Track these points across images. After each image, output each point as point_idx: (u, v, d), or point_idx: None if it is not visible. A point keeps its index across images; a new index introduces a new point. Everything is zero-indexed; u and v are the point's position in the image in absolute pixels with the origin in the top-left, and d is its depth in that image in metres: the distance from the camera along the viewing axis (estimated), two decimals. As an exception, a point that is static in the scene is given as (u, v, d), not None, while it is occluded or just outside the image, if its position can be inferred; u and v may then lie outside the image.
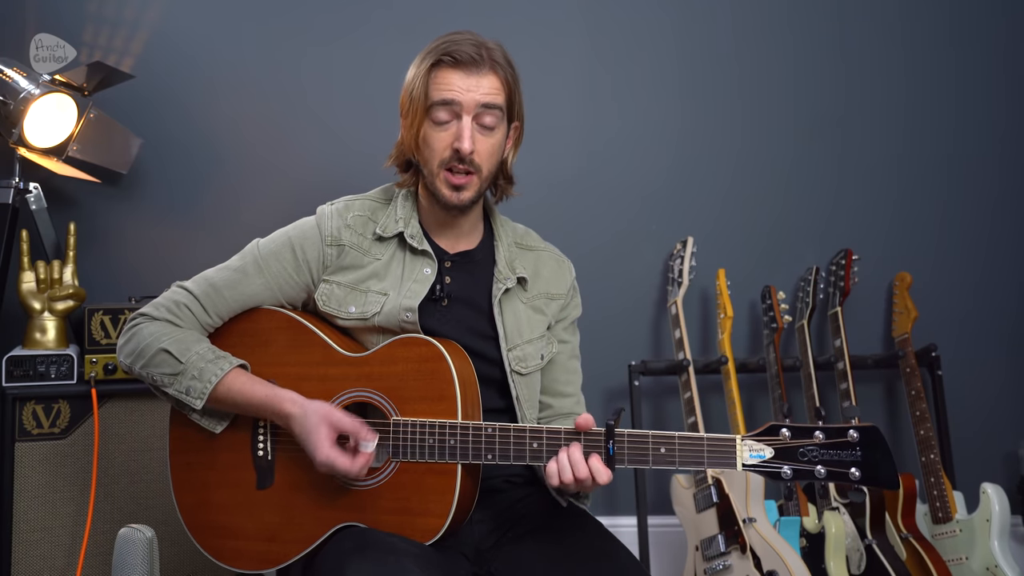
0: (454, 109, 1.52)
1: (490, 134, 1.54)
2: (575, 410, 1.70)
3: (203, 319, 1.57)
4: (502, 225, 1.70)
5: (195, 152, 2.49)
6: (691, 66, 2.67)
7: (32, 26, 2.35)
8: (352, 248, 1.59)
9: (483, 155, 1.54)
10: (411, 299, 1.55)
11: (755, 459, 1.34)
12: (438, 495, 1.44)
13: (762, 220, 2.68)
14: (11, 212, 2.19)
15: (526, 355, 1.62)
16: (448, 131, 1.53)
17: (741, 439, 1.35)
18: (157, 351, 1.52)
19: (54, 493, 2.04)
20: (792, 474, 1.33)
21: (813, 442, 1.33)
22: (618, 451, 1.38)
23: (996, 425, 2.68)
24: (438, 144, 1.53)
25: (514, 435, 1.43)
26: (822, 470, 1.32)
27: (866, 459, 1.31)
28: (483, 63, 1.52)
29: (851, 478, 1.31)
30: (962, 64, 2.72)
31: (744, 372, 2.53)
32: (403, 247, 1.61)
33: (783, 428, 1.34)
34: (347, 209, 1.62)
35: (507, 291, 1.62)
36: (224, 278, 1.59)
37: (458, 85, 1.51)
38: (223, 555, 1.56)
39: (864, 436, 1.32)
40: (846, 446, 1.32)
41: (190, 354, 1.52)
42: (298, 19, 2.53)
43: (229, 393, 1.51)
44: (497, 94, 1.53)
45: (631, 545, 1.93)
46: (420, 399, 1.47)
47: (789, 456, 1.34)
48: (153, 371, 1.53)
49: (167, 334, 1.53)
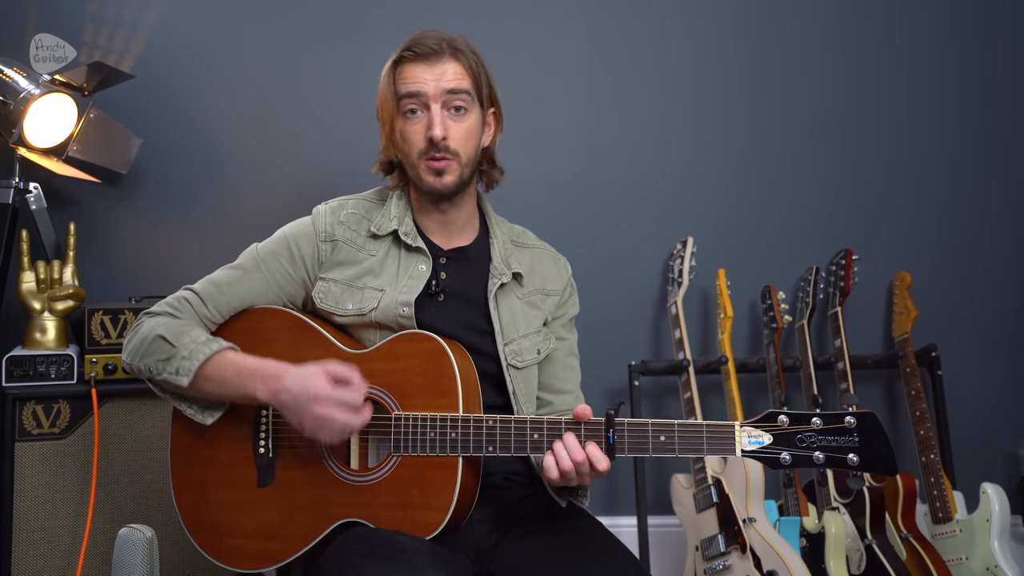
0: (422, 100, 1.56)
1: (462, 118, 1.58)
2: (575, 407, 1.70)
3: (202, 312, 1.58)
4: (498, 224, 1.72)
5: (195, 152, 2.49)
6: (691, 66, 2.67)
7: (32, 26, 2.35)
8: (346, 244, 1.61)
9: (457, 140, 1.57)
10: (407, 294, 1.56)
11: (754, 445, 1.36)
12: (439, 489, 1.44)
13: (762, 220, 2.68)
14: (11, 212, 2.19)
15: (522, 349, 1.63)
16: (420, 122, 1.57)
17: (740, 425, 1.37)
18: (153, 339, 1.54)
19: (54, 493, 2.04)
20: (791, 460, 1.34)
21: (811, 428, 1.34)
22: (618, 439, 1.39)
23: (996, 425, 2.68)
24: (413, 136, 1.57)
25: (515, 426, 1.43)
26: (820, 456, 1.33)
27: (864, 445, 1.32)
28: (443, 52, 1.57)
29: (849, 464, 1.32)
30: (962, 64, 2.72)
31: (744, 372, 2.53)
32: (398, 244, 1.63)
33: (781, 415, 1.36)
34: (341, 207, 1.65)
35: (502, 286, 1.63)
36: (224, 276, 1.62)
37: (422, 76, 1.56)
38: (221, 554, 1.56)
39: (861, 422, 1.33)
40: (844, 432, 1.33)
41: (184, 339, 1.52)
42: (298, 19, 2.53)
43: (218, 369, 1.50)
44: (462, 79, 1.57)
45: (631, 545, 1.93)
46: (422, 394, 1.48)
47: (787, 442, 1.35)
48: (149, 361, 1.53)
49: (164, 323, 1.55)
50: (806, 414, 1.35)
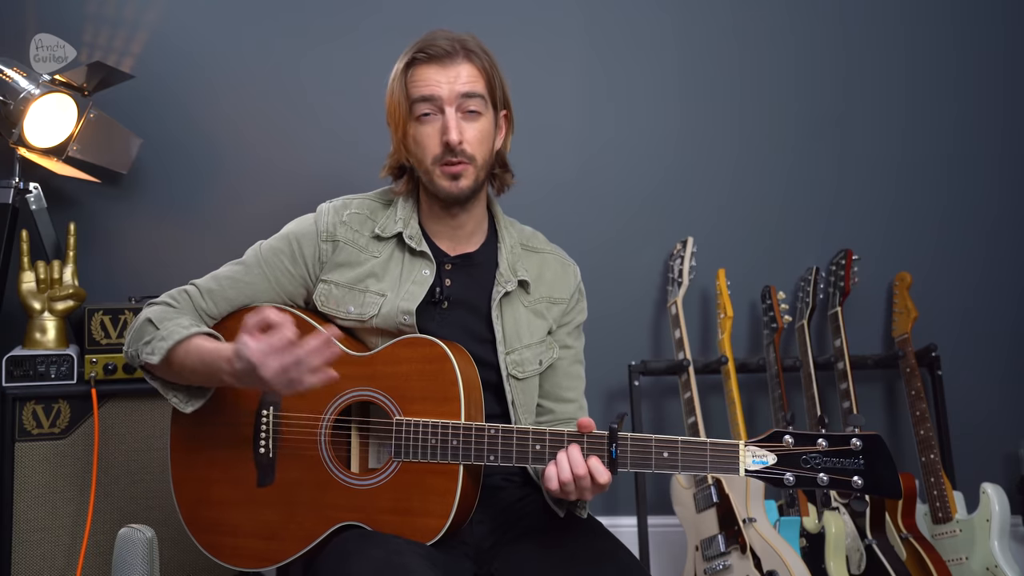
0: (436, 103, 1.53)
1: (476, 121, 1.55)
2: (577, 416, 1.69)
3: (199, 304, 1.58)
4: (507, 227, 1.69)
5: (195, 152, 2.49)
6: (691, 66, 2.67)
7: (32, 26, 2.35)
8: (347, 244, 1.60)
9: (473, 143, 1.54)
10: (409, 302, 1.55)
11: (758, 465, 1.34)
12: (439, 495, 1.44)
13: (762, 220, 2.68)
14: (11, 212, 2.19)
15: (524, 360, 1.61)
16: (434, 126, 1.54)
17: (744, 445, 1.35)
18: (143, 323, 1.54)
19: (54, 493, 2.04)
20: (795, 481, 1.32)
21: (816, 449, 1.33)
22: (620, 455, 1.38)
23: (996, 425, 2.68)
24: (427, 141, 1.54)
25: (517, 437, 1.42)
26: (825, 478, 1.32)
27: (869, 467, 1.31)
28: (457, 54, 1.53)
29: (854, 486, 1.31)
30: (962, 64, 2.72)
31: (744, 372, 2.53)
32: (402, 248, 1.61)
33: (786, 435, 1.34)
34: (344, 207, 1.63)
35: (507, 294, 1.61)
36: (226, 271, 1.62)
37: (435, 79, 1.52)
38: (222, 553, 1.56)
39: (867, 444, 1.31)
40: (849, 454, 1.32)
41: (168, 323, 1.52)
42: (298, 19, 2.53)
43: (187, 353, 1.48)
44: (476, 81, 1.54)
45: (631, 545, 1.93)
46: (424, 399, 1.47)
47: (792, 463, 1.33)
48: (139, 346, 1.53)
49: (156, 310, 1.56)
50: (811, 435, 1.33)
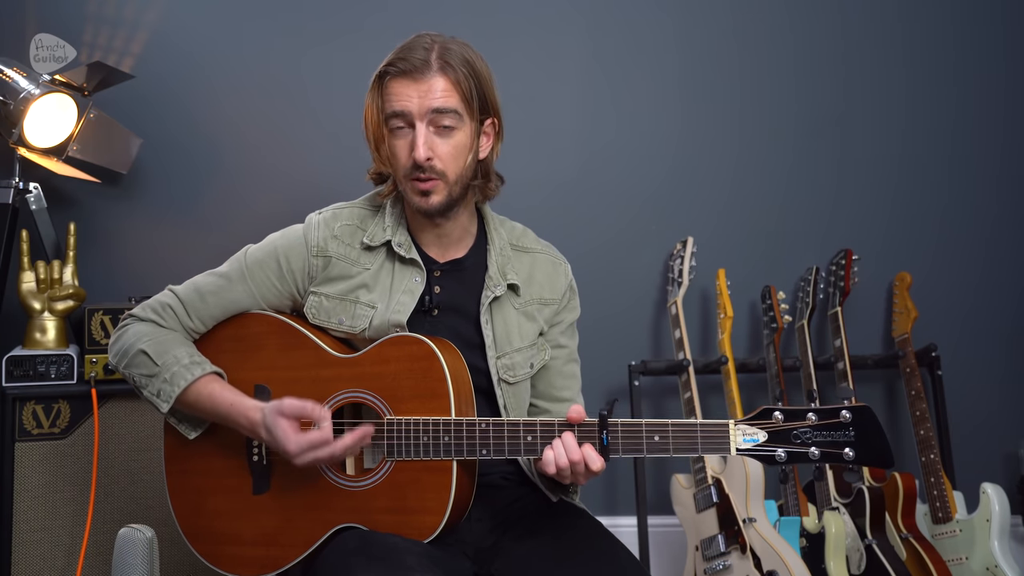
0: (407, 119, 1.50)
1: (449, 136, 1.51)
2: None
3: (186, 323, 1.58)
4: (496, 228, 1.66)
5: (195, 152, 2.49)
6: (691, 66, 2.67)
7: (32, 26, 2.35)
8: (339, 259, 1.58)
9: (444, 159, 1.51)
10: (399, 314, 1.54)
11: (749, 443, 1.35)
12: (435, 492, 1.44)
13: (762, 220, 2.68)
14: (11, 212, 2.19)
15: (514, 364, 1.60)
16: (406, 140, 1.51)
17: (735, 423, 1.35)
18: (137, 352, 1.54)
19: (54, 493, 2.04)
20: (787, 457, 1.33)
21: (806, 424, 1.33)
22: (612, 440, 1.38)
23: (996, 425, 2.68)
24: (399, 153, 1.52)
25: (508, 429, 1.43)
26: (816, 451, 1.32)
27: (859, 438, 1.31)
28: (429, 68, 1.49)
29: (845, 458, 1.31)
30: (962, 64, 2.72)
31: (744, 372, 2.53)
32: (391, 256, 1.59)
33: (776, 411, 1.35)
34: (335, 219, 1.60)
35: (497, 299, 1.60)
36: (209, 283, 1.59)
37: (406, 93, 1.49)
38: (222, 562, 1.56)
39: (856, 416, 1.32)
40: (839, 427, 1.32)
41: (167, 357, 1.52)
42: (298, 19, 2.53)
43: (198, 399, 1.52)
44: (449, 96, 1.50)
45: (631, 545, 1.93)
46: (413, 397, 1.47)
47: (783, 439, 1.34)
48: (133, 371, 1.55)
49: (148, 335, 1.55)
50: (801, 410, 1.34)
